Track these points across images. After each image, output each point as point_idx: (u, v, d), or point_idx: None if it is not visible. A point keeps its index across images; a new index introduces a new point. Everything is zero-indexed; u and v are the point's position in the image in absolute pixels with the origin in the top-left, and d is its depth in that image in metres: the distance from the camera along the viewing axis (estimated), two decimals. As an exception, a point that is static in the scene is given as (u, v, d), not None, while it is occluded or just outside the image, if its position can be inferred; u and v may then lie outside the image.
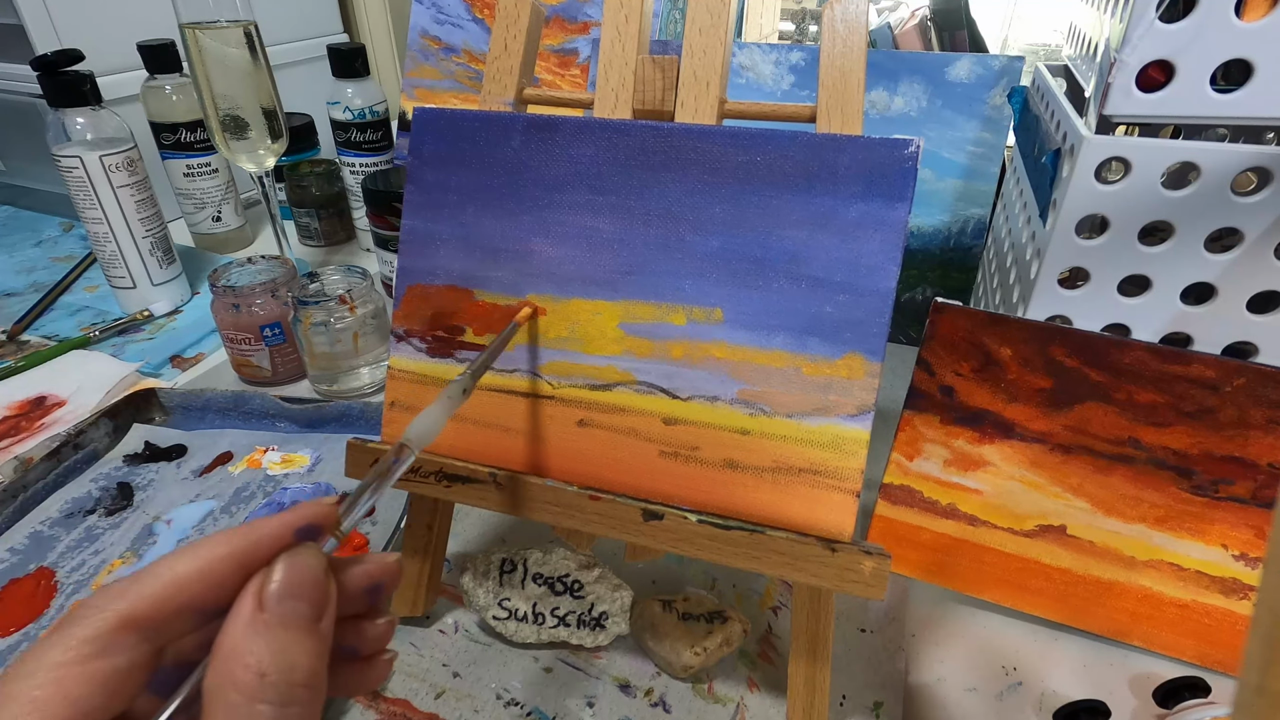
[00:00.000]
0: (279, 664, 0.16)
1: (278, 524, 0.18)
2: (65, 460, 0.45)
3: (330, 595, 0.18)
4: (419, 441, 0.22)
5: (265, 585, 0.17)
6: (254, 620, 0.16)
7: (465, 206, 0.32)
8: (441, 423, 0.23)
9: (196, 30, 0.53)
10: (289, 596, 0.17)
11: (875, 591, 0.26)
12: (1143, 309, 0.36)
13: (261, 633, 0.16)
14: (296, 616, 0.17)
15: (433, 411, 0.23)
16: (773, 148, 0.28)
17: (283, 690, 0.16)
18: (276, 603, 0.17)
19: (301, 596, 0.17)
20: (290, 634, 0.16)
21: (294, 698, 0.16)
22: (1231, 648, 0.35)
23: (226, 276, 0.53)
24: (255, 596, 0.17)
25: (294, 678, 0.16)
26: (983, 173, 0.56)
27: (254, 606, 0.16)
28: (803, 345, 0.28)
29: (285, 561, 0.17)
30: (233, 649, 0.16)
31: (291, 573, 0.17)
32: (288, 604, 0.17)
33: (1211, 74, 0.31)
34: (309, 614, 0.17)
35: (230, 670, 0.15)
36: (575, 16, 0.72)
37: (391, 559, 0.20)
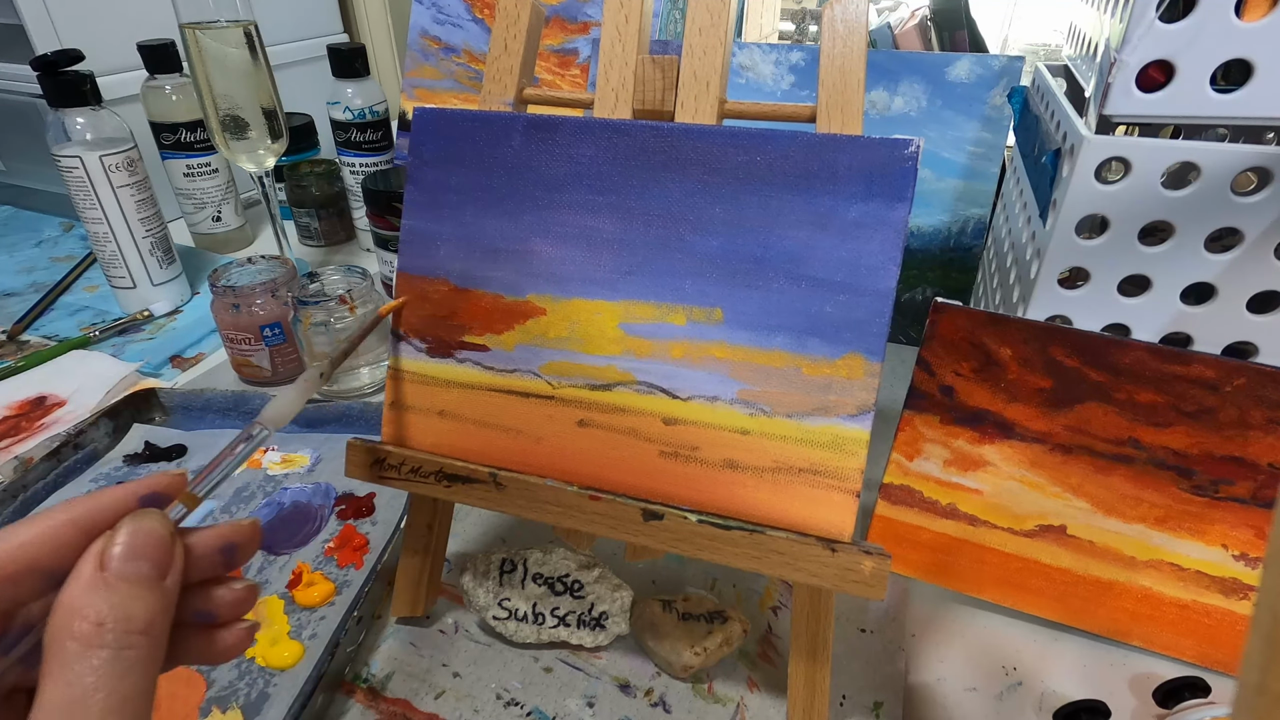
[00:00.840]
0: (116, 614, 0.16)
1: (122, 491, 0.19)
2: (65, 460, 0.45)
3: (175, 555, 0.18)
4: (274, 422, 0.23)
5: (108, 546, 0.17)
6: (94, 578, 0.17)
7: (465, 206, 0.32)
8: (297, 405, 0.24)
9: (196, 30, 0.53)
10: (131, 557, 0.17)
11: (875, 591, 0.26)
12: (1143, 309, 0.36)
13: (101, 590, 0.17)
14: (138, 574, 0.17)
15: (287, 393, 0.24)
16: (773, 148, 0.28)
17: (119, 636, 0.16)
18: (118, 562, 0.17)
19: (144, 556, 0.18)
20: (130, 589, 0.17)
21: (130, 643, 0.16)
22: (1231, 648, 0.35)
23: (226, 276, 0.53)
24: (97, 557, 0.17)
25: (131, 626, 0.17)
26: (983, 173, 0.56)
27: (95, 565, 0.17)
28: (803, 345, 0.28)
29: (128, 523, 0.18)
30: (71, 604, 0.16)
31: (134, 535, 0.18)
32: (129, 563, 0.17)
33: (1211, 74, 0.31)
34: (151, 572, 0.18)
35: (68, 622, 0.16)
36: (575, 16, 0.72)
37: (246, 522, 0.21)
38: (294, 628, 0.35)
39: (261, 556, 0.39)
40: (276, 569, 0.38)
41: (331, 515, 0.42)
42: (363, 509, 0.42)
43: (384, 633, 0.36)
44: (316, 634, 0.35)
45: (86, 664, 0.16)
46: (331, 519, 0.42)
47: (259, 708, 0.31)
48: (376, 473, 0.32)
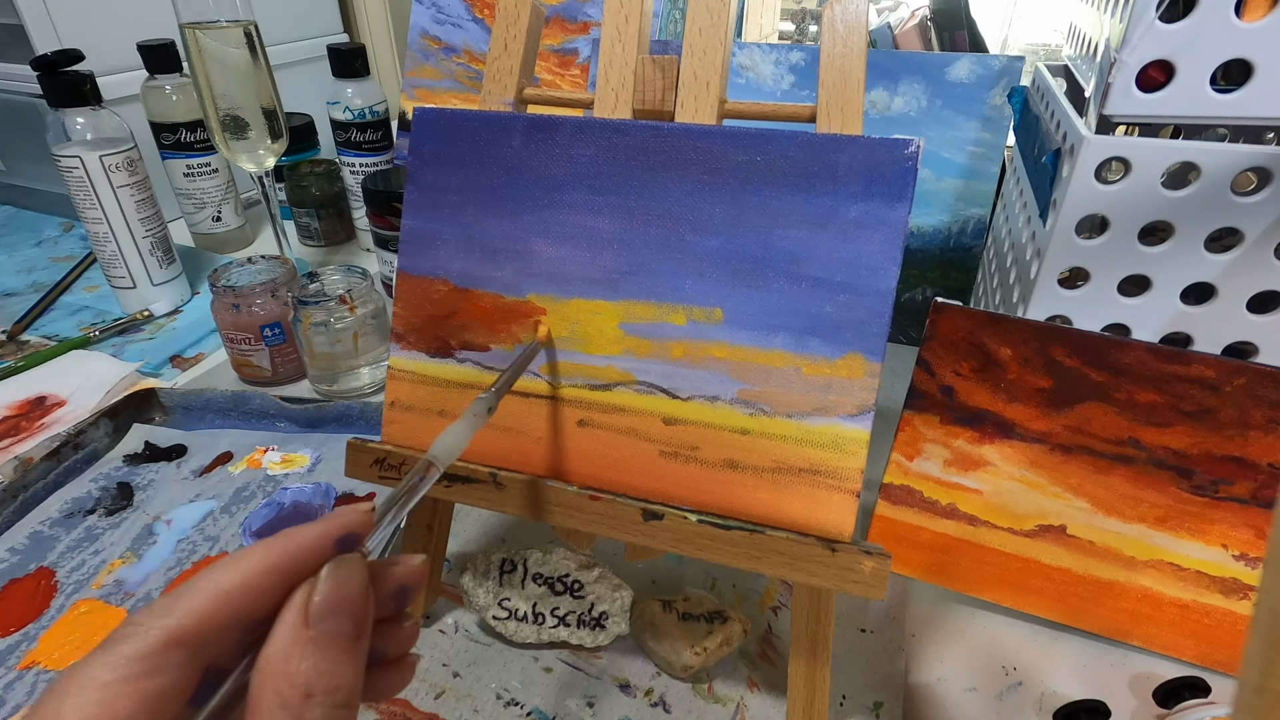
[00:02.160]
0: (325, 685, 0.16)
1: (317, 534, 0.18)
2: (65, 460, 0.45)
3: (370, 611, 0.18)
4: (444, 459, 0.21)
5: (310, 599, 0.17)
6: (300, 637, 0.16)
7: (465, 206, 0.32)
8: (466, 440, 0.22)
9: (196, 30, 0.53)
10: (333, 613, 0.17)
11: (875, 591, 0.26)
12: (1143, 309, 0.36)
13: (308, 651, 0.16)
14: (340, 634, 0.17)
15: (458, 429, 0.22)
16: (773, 148, 0.28)
17: (326, 711, 0.16)
18: (321, 619, 0.16)
19: (345, 613, 0.17)
20: (335, 653, 0.16)
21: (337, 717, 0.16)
22: (1231, 648, 0.35)
23: (226, 276, 0.53)
24: (301, 611, 0.16)
25: (337, 699, 0.16)
26: (983, 173, 0.56)
27: (300, 621, 0.16)
28: (803, 345, 0.28)
29: (331, 575, 0.17)
30: (280, 665, 0.16)
31: (337, 588, 0.17)
32: (332, 621, 0.17)
33: (1211, 74, 0.31)
34: (352, 631, 0.17)
35: (277, 685, 0.15)
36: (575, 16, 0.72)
37: (418, 560, 0.20)
38: (294, 628, 0.35)
39: (261, 556, 0.39)
40: (276, 569, 0.38)
41: (331, 515, 0.42)
42: (363, 509, 0.42)
43: (384, 633, 0.36)
44: (316, 634, 0.35)
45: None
46: (331, 519, 0.42)
47: (259, 708, 0.31)
48: (376, 473, 0.32)
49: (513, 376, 0.27)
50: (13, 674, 0.33)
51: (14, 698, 0.32)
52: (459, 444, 0.22)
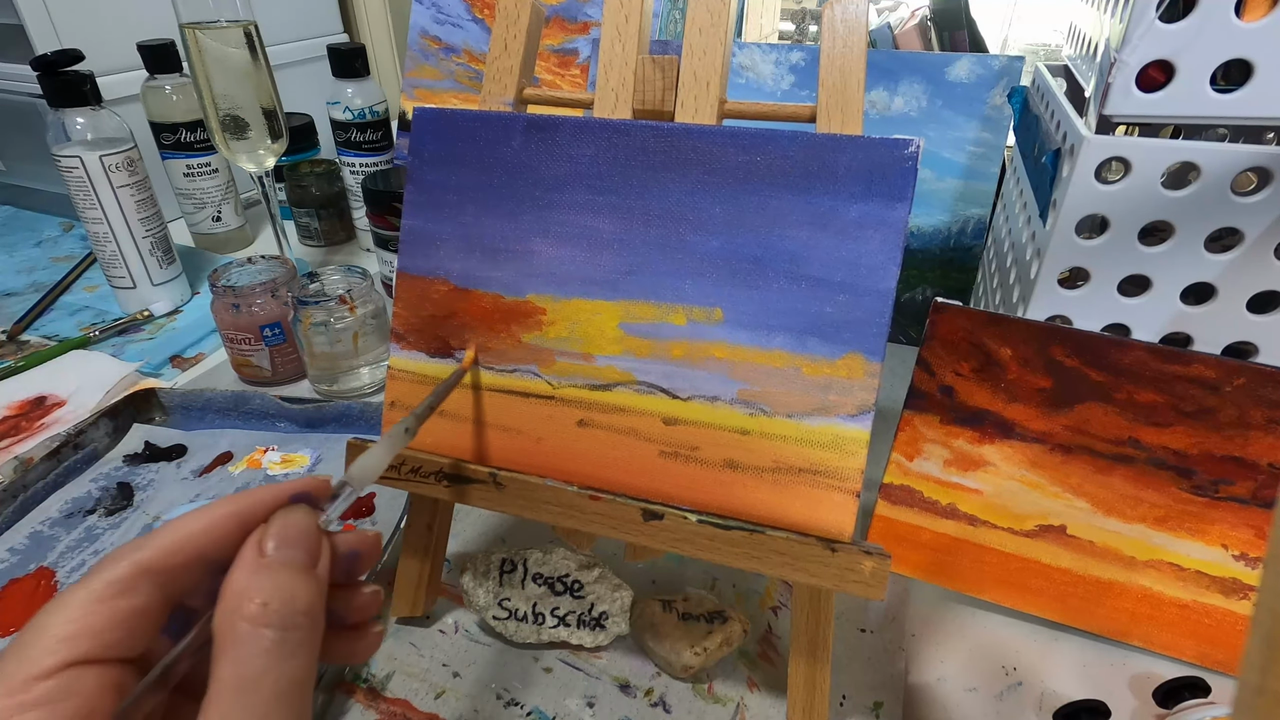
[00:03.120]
0: (280, 596, 0.18)
1: (275, 490, 0.20)
2: (65, 460, 0.45)
3: (322, 546, 0.20)
4: (360, 480, 0.22)
5: (264, 535, 0.19)
6: (255, 564, 0.18)
7: (465, 206, 0.32)
8: (384, 464, 0.23)
9: (196, 30, 0.53)
10: (286, 544, 0.19)
11: (875, 591, 0.26)
12: (1143, 309, 0.36)
13: (263, 574, 0.18)
14: (293, 560, 0.19)
15: (375, 453, 0.23)
16: (773, 148, 0.28)
17: (285, 616, 0.17)
18: (275, 549, 0.19)
19: (297, 544, 0.19)
20: (289, 574, 0.18)
21: (295, 623, 0.18)
22: (1231, 648, 0.35)
23: (226, 276, 0.53)
24: (256, 544, 0.19)
25: (295, 606, 0.18)
26: (983, 173, 0.56)
27: (254, 553, 0.18)
28: (803, 345, 0.28)
29: (281, 515, 0.19)
30: (238, 588, 0.18)
31: (287, 525, 0.19)
32: (285, 550, 0.19)
33: (1211, 74, 0.31)
34: (303, 560, 0.19)
35: (237, 604, 0.17)
36: (575, 16, 0.72)
37: (371, 532, 0.22)
38: (294, 628, 0.35)
39: (261, 556, 0.39)
40: (276, 569, 0.38)
41: (331, 515, 0.42)
42: (363, 509, 0.42)
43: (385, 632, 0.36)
44: (316, 634, 0.35)
45: (256, 645, 0.17)
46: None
47: (259, 708, 0.31)
48: (376, 473, 0.32)
49: (436, 401, 0.28)
50: (13, 674, 0.33)
51: (14, 698, 0.32)
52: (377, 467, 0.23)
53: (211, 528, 0.19)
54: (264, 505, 0.20)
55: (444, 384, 0.29)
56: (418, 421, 0.26)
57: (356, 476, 0.22)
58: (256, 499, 0.20)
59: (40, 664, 0.16)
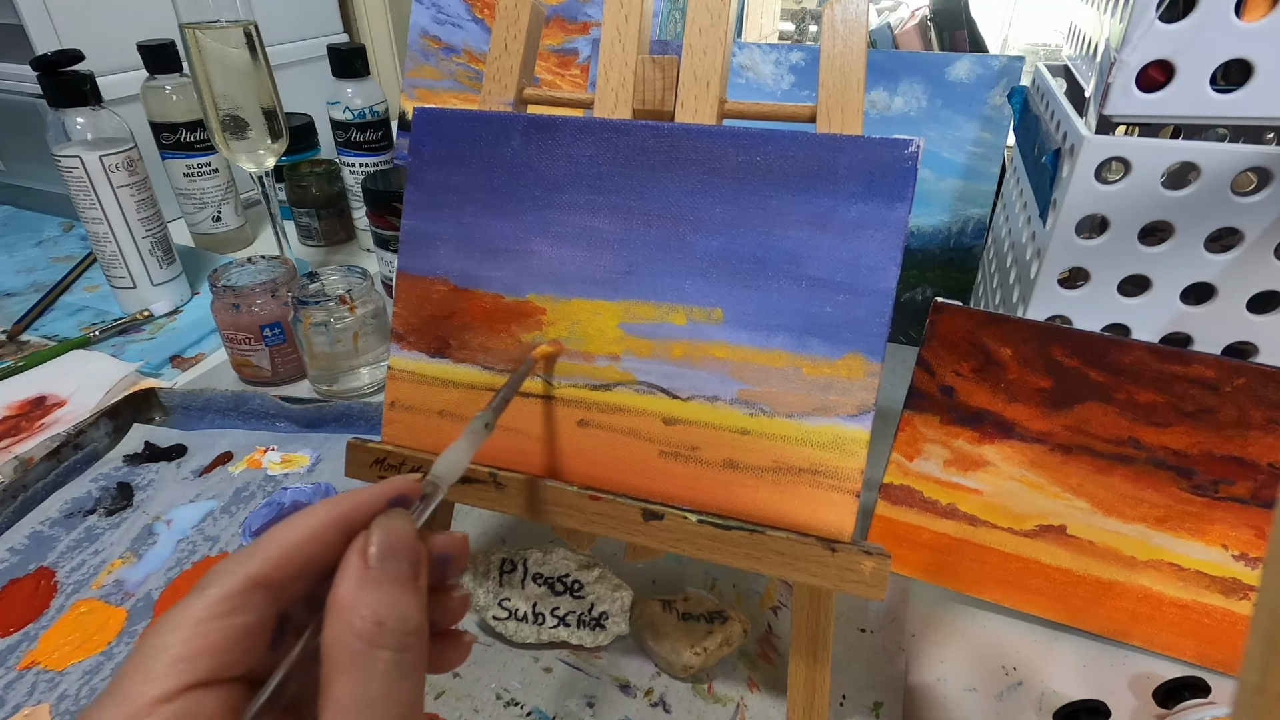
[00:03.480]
0: (393, 614, 0.17)
1: (373, 493, 0.20)
2: (65, 460, 0.45)
3: (423, 555, 0.19)
4: (447, 479, 0.22)
5: (368, 545, 0.18)
6: (363, 576, 0.17)
7: (465, 206, 0.32)
8: (467, 460, 0.23)
9: (196, 30, 0.53)
10: (389, 555, 0.18)
11: (875, 591, 0.26)
12: (1143, 309, 0.36)
13: (372, 587, 0.17)
14: (399, 573, 0.18)
15: (459, 448, 0.22)
16: (773, 148, 0.28)
17: (398, 637, 0.17)
18: (380, 561, 0.18)
19: (401, 555, 0.18)
20: (396, 589, 0.18)
21: (407, 644, 0.17)
22: (1231, 648, 0.35)
23: (226, 276, 0.53)
24: (361, 555, 0.18)
25: (407, 626, 0.17)
26: (983, 173, 0.56)
27: (361, 564, 0.18)
28: (803, 345, 0.28)
29: (382, 523, 0.19)
30: (348, 603, 0.17)
31: (390, 533, 0.18)
32: (390, 562, 0.18)
33: (1211, 74, 0.31)
34: (409, 571, 0.18)
35: (349, 621, 0.17)
36: (575, 16, 0.72)
37: (460, 535, 0.22)
38: (294, 628, 0.35)
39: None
40: (276, 569, 0.38)
41: (331, 515, 0.42)
42: (363, 509, 0.42)
43: (384, 633, 0.36)
44: (316, 634, 0.35)
45: (373, 667, 0.16)
46: (331, 519, 0.42)
47: (259, 708, 0.31)
48: (376, 473, 0.32)
49: (510, 393, 0.27)
50: (13, 674, 0.33)
51: (14, 698, 0.32)
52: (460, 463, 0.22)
53: (316, 535, 0.19)
54: (364, 509, 0.19)
55: (517, 374, 0.29)
56: (495, 415, 0.25)
57: (443, 475, 0.22)
58: (357, 502, 0.19)
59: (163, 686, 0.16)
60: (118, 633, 0.35)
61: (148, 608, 0.37)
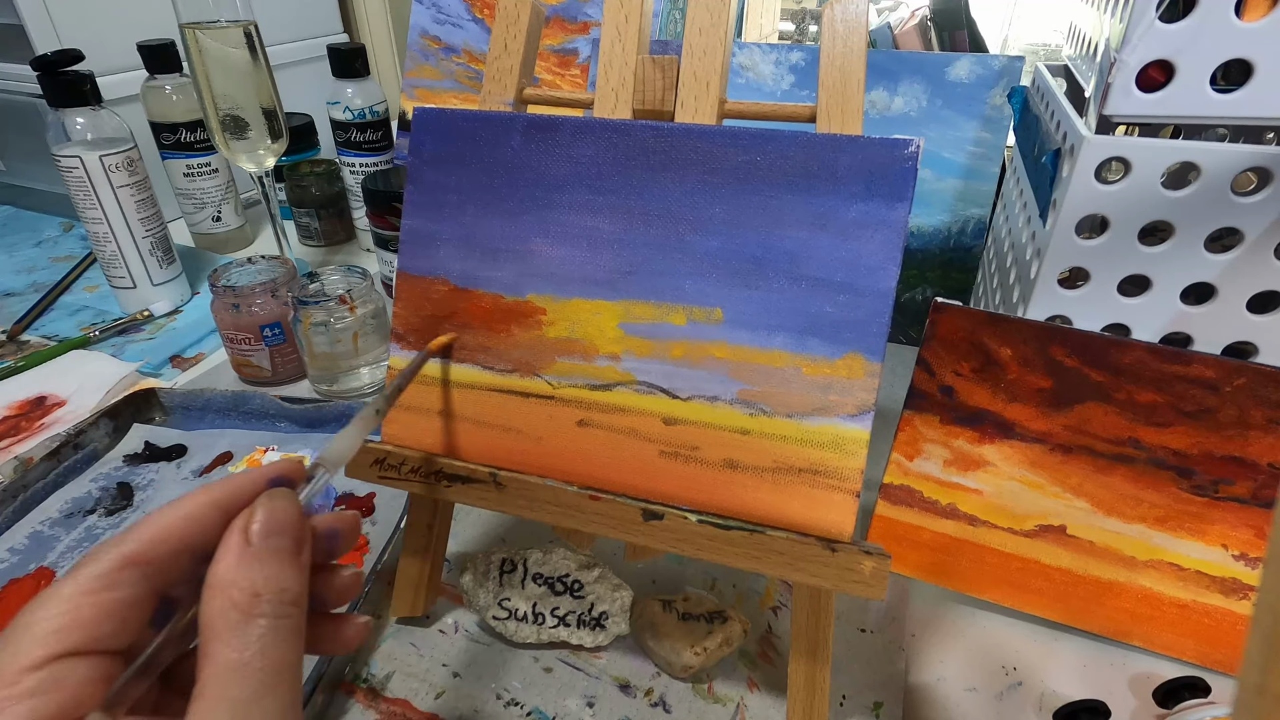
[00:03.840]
0: (270, 586, 0.18)
1: (253, 476, 0.20)
2: (65, 460, 0.45)
3: (306, 531, 0.20)
4: (333, 463, 0.23)
5: (250, 522, 0.19)
6: (243, 553, 0.18)
7: (465, 206, 0.32)
8: (356, 446, 0.24)
9: (196, 30, 0.53)
10: (270, 531, 0.19)
11: (875, 591, 0.26)
12: (1143, 309, 0.36)
13: (250, 563, 0.18)
14: (279, 548, 0.19)
15: (348, 434, 0.24)
16: (773, 148, 0.28)
17: (276, 606, 0.18)
18: (261, 538, 0.18)
19: (283, 531, 0.19)
20: (276, 563, 0.18)
21: (285, 612, 0.18)
22: (1231, 648, 0.35)
23: (226, 276, 0.53)
24: (242, 532, 0.18)
25: (285, 596, 0.18)
26: (983, 173, 0.56)
27: (241, 541, 0.18)
28: (803, 345, 0.28)
29: (265, 501, 0.19)
30: (226, 578, 0.18)
31: (271, 510, 0.19)
32: (271, 537, 0.18)
33: (1211, 74, 0.31)
34: (290, 546, 0.19)
35: (227, 594, 0.17)
36: (575, 16, 0.72)
37: (349, 514, 0.22)
38: (294, 628, 0.35)
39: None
40: (276, 569, 0.38)
41: (331, 515, 0.42)
42: (363, 509, 0.42)
43: (384, 633, 0.36)
44: (316, 634, 0.35)
45: (249, 633, 0.17)
46: (331, 519, 0.42)
47: (259, 708, 0.31)
48: (376, 473, 0.32)
49: (404, 382, 0.29)
50: (13, 674, 0.33)
51: (14, 698, 0.32)
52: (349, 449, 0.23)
53: (193, 516, 0.19)
54: (243, 491, 0.20)
55: (411, 364, 0.30)
56: (387, 402, 0.26)
57: (329, 460, 0.22)
58: (236, 485, 0.20)
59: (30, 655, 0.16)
60: (118, 633, 0.35)
61: (148, 608, 0.37)
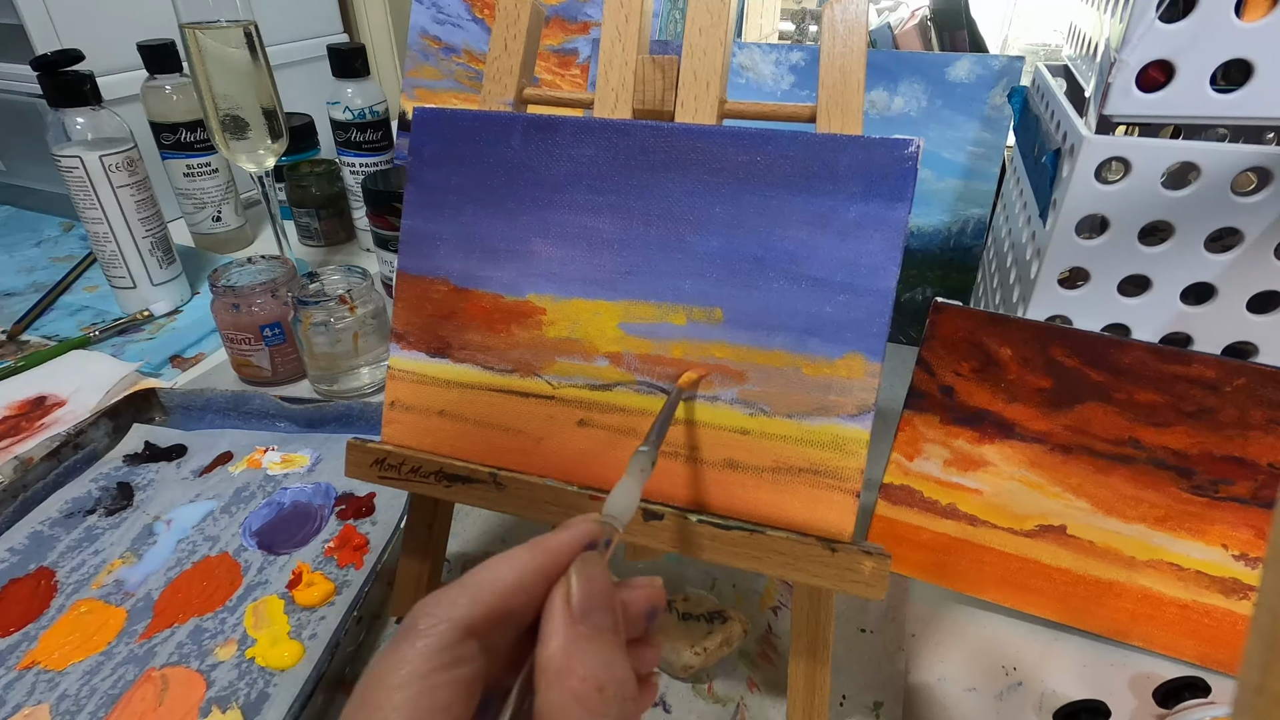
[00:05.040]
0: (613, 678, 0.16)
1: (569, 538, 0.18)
2: (65, 460, 0.45)
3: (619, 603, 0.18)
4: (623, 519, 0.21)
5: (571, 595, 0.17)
6: (573, 633, 0.16)
7: (465, 206, 0.32)
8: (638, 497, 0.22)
9: (196, 30, 0.53)
10: (594, 607, 0.17)
11: (875, 591, 0.26)
12: (1143, 309, 0.36)
13: (584, 646, 0.16)
14: (605, 628, 0.17)
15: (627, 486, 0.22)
16: (773, 148, 0.28)
17: (619, 704, 0.16)
18: (585, 614, 0.17)
19: (603, 606, 0.17)
20: (607, 648, 0.17)
21: (627, 712, 0.16)
22: (1231, 648, 0.35)
23: (226, 276, 0.53)
24: (565, 604, 0.17)
25: (626, 692, 0.16)
26: (983, 173, 0.56)
27: (568, 618, 0.17)
28: (803, 345, 0.28)
29: (580, 571, 0.17)
30: (564, 662, 0.16)
31: (590, 582, 0.17)
32: (595, 614, 0.17)
33: (1211, 74, 0.31)
34: (612, 624, 0.17)
35: (569, 685, 0.16)
36: (575, 16, 0.72)
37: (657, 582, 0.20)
38: (294, 628, 0.35)
39: (261, 556, 0.39)
40: (276, 569, 0.38)
41: (331, 515, 0.42)
42: (363, 509, 0.42)
43: (384, 633, 0.36)
44: (316, 634, 0.35)
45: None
46: (331, 519, 0.42)
47: (259, 708, 0.31)
48: (376, 473, 0.32)
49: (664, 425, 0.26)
50: (13, 674, 0.33)
51: (14, 698, 0.32)
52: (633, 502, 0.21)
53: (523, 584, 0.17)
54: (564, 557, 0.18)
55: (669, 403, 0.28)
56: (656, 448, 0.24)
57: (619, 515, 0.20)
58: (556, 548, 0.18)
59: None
60: (118, 633, 0.35)
61: (148, 607, 0.37)
